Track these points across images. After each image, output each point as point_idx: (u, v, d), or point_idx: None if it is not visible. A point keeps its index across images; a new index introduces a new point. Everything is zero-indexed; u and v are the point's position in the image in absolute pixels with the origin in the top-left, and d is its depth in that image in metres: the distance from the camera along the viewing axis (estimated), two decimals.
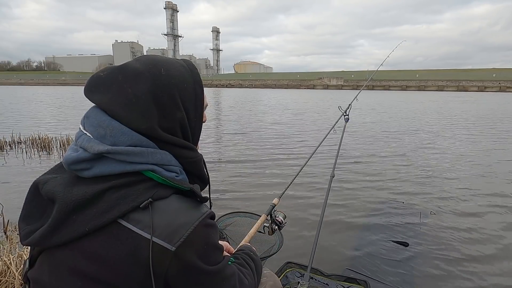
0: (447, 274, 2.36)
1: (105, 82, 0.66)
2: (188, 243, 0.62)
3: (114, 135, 0.63)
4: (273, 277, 1.08)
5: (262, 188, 4.20)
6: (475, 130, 9.96)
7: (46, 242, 0.61)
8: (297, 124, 11.25)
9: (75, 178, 0.65)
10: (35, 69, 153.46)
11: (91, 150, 0.62)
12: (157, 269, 0.60)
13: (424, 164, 5.54)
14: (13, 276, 1.85)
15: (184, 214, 0.64)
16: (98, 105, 0.67)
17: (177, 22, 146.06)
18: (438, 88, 67.64)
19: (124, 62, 0.71)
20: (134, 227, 0.60)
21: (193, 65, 0.77)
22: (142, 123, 0.64)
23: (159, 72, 0.67)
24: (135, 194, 0.62)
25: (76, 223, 0.60)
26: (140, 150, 0.63)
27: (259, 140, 7.83)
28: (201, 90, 0.75)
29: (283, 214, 1.40)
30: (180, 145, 0.70)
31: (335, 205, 3.59)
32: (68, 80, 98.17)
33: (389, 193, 4.04)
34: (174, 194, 0.66)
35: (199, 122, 0.77)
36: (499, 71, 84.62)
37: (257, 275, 0.90)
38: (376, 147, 7.10)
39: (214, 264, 0.68)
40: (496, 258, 2.58)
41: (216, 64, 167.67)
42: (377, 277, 2.29)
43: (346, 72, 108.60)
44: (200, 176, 0.78)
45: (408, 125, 11.09)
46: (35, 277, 0.67)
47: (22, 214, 0.68)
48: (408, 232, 2.99)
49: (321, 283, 1.99)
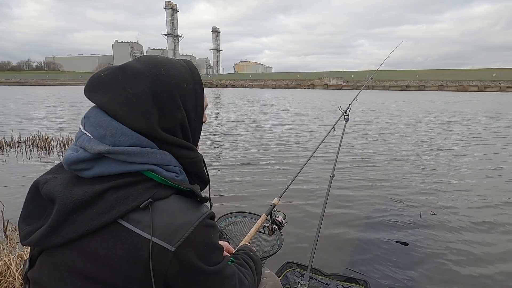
0: (447, 274, 2.36)
1: (106, 82, 0.66)
2: (188, 243, 0.62)
3: (114, 135, 0.63)
4: (273, 277, 1.08)
5: (262, 188, 4.19)
6: (475, 130, 9.96)
7: (46, 243, 0.61)
8: (297, 124, 11.24)
9: (75, 178, 0.65)
10: (35, 69, 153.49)
11: (91, 150, 0.62)
12: (157, 269, 0.60)
13: (425, 164, 5.54)
14: (13, 276, 1.85)
15: (184, 214, 0.64)
16: (98, 105, 0.67)
17: (177, 22, 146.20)
18: (438, 88, 67.65)
19: (124, 62, 0.71)
20: (134, 227, 0.60)
21: (194, 65, 0.77)
22: (142, 123, 0.64)
23: (159, 72, 0.67)
24: (135, 194, 0.62)
25: (76, 223, 0.60)
26: (140, 150, 0.63)
27: (258, 140, 7.83)
28: (201, 90, 0.75)
29: (283, 214, 1.40)
30: (180, 145, 0.70)
31: (335, 205, 3.58)
32: (68, 80, 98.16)
33: (389, 193, 4.03)
34: (174, 194, 0.66)
35: (199, 122, 0.77)
36: (499, 71, 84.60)
37: (257, 275, 0.90)
38: (376, 147, 7.10)
39: (214, 264, 0.68)
40: (496, 258, 2.58)
41: (216, 64, 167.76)
42: (377, 277, 2.29)
43: (346, 72, 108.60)
44: (200, 176, 0.78)
45: (408, 125, 11.09)
46: (35, 277, 0.67)
47: (22, 214, 0.68)
48: (408, 232, 2.99)
49: (321, 283, 1.99)
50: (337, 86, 77.49)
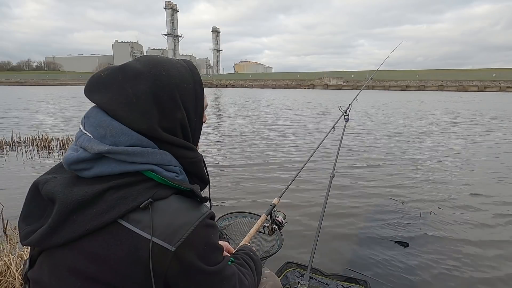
0: (447, 274, 2.36)
1: (106, 82, 0.66)
2: (188, 243, 0.62)
3: (114, 135, 0.63)
4: (273, 277, 1.08)
5: (262, 188, 4.19)
6: (476, 130, 9.96)
7: (46, 243, 0.61)
8: (297, 124, 11.24)
9: (75, 178, 0.65)
10: (35, 69, 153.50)
11: (91, 150, 0.62)
12: (157, 270, 0.60)
13: (425, 164, 5.54)
14: (13, 276, 1.85)
15: (184, 214, 0.64)
16: (99, 105, 0.67)
17: (177, 22, 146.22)
18: (438, 88, 67.62)
19: (124, 62, 0.71)
20: (134, 227, 0.60)
21: (194, 65, 0.77)
22: (142, 123, 0.64)
23: (159, 72, 0.67)
24: (135, 194, 0.62)
25: (76, 223, 0.59)
26: (141, 150, 0.63)
27: (258, 140, 7.83)
28: (202, 90, 0.75)
29: (283, 214, 1.41)
30: (180, 145, 0.71)
31: (335, 205, 3.58)
32: (68, 80, 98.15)
33: (389, 193, 4.03)
34: (174, 194, 0.66)
35: (199, 122, 0.77)
36: (499, 71, 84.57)
37: (257, 275, 0.90)
38: (376, 147, 7.10)
39: (214, 264, 0.69)
40: (496, 259, 2.58)
41: (216, 64, 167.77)
42: (377, 277, 2.29)
43: (346, 72, 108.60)
44: (200, 176, 0.78)
45: (408, 125, 11.09)
46: (35, 278, 0.67)
47: (22, 214, 0.68)
48: (408, 232, 2.99)
49: (321, 283, 1.99)
50: (337, 86, 77.49)
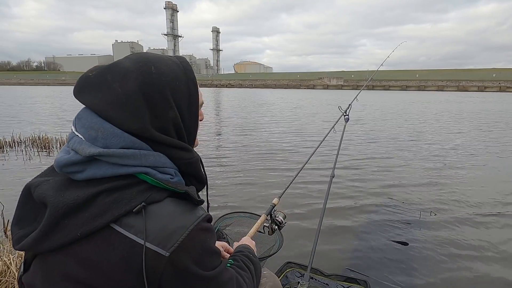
0: (447, 274, 2.35)
1: (94, 82, 0.64)
2: (183, 248, 0.60)
3: (105, 137, 0.61)
4: (273, 277, 1.08)
5: (262, 188, 4.19)
6: (477, 130, 9.96)
7: (38, 247, 0.60)
8: (296, 123, 11.24)
9: (68, 181, 0.63)
10: (35, 69, 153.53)
11: (82, 152, 0.60)
12: (150, 275, 0.58)
13: (425, 164, 5.53)
14: (13, 276, 1.85)
15: (179, 218, 0.62)
16: (88, 106, 0.65)
17: (177, 22, 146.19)
18: (438, 88, 67.60)
19: None
20: (127, 232, 0.58)
21: (187, 62, 0.74)
22: (133, 123, 0.62)
23: (149, 70, 0.65)
24: (128, 198, 0.60)
25: (67, 227, 0.58)
26: (133, 152, 0.62)
27: (258, 140, 7.82)
28: (195, 88, 0.73)
29: (283, 214, 1.40)
30: (175, 145, 0.68)
31: (335, 205, 3.58)
32: (68, 80, 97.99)
33: (389, 193, 4.03)
34: (168, 197, 0.64)
35: (194, 121, 0.74)
36: (500, 71, 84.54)
37: (256, 278, 0.89)
38: (376, 147, 7.09)
39: (211, 269, 0.67)
40: (496, 259, 2.57)
41: (216, 64, 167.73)
42: (377, 277, 2.29)
43: (346, 72, 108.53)
44: (197, 177, 0.76)
45: (408, 125, 11.08)
46: (29, 282, 0.66)
47: (15, 217, 0.67)
48: (408, 232, 2.98)
49: (321, 283, 1.99)
50: (337, 86, 77.46)
